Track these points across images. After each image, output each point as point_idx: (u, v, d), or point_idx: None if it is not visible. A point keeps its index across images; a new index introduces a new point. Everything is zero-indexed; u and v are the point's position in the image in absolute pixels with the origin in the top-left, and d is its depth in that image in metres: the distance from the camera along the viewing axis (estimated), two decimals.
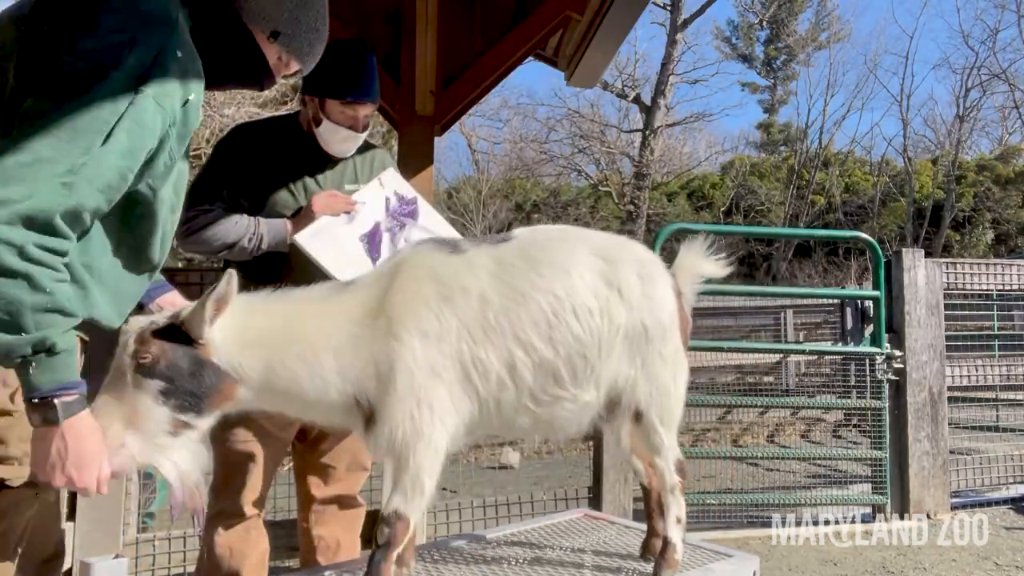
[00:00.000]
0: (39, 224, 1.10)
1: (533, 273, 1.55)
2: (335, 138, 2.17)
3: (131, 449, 1.29)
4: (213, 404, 1.37)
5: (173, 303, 1.59)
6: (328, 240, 2.08)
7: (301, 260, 2.09)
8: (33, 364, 1.15)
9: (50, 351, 1.15)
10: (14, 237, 1.08)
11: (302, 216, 2.11)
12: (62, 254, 1.15)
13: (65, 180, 1.11)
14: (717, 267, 1.87)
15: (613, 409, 1.68)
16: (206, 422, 1.38)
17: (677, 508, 1.73)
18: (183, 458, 1.37)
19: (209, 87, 1.42)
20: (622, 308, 1.60)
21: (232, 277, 1.36)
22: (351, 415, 1.46)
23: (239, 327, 1.39)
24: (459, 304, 1.48)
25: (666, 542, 1.71)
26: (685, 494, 1.77)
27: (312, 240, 2.06)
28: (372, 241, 2.17)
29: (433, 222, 2.29)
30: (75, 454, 1.21)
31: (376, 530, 1.44)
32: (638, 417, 1.67)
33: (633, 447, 1.85)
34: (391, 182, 2.25)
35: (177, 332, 1.33)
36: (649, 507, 1.88)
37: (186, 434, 1.35)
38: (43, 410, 1.19)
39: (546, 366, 1.53)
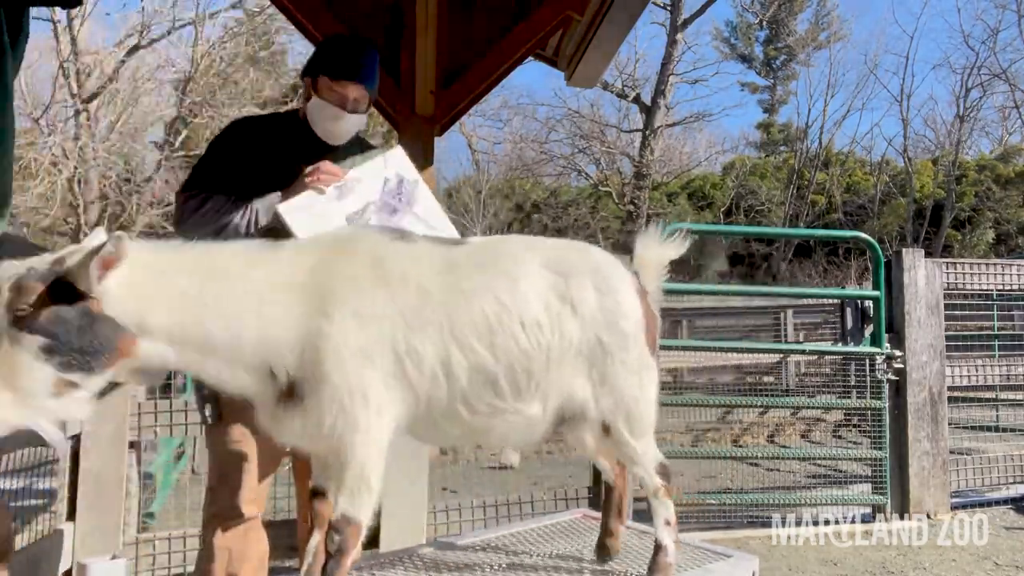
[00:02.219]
0: None
1: (480, 276, 1.50)
2: (322, 115, 2.16)
3: (2, 411, 1.14)
4: (108, 362, 1.22)
5: None
6: (312, 214, 1.97)
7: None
8: None
9: None
10: None
11: (293, 187, 2.05)
12: None
13: None
14: (676, 248, 1.80)
15: (568, 422, 1.62)
16: (98, 381, 1.23)
17: (665, 511, 1.70)
18: (66, 417, 1.25)
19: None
20: (575, 323, 1.55)
21: (122, 239, 1.22)
22: (263, 385, 1.36)
23: (146, 277, 1.27)
24: (397, 290, 1.41)
25: (658, 546, 1.70)
26: (678, 495, 1.75)
27: (294, 212, 1.97)
28: (357, 222, 2.08)
29: (432, 213, 2.19)
30: None
31: (326, 539, 1.36)
32: (606, 429, 1.63)
33: (597, 446, 1.81)
34: (395, 162, 2.17)
35: (61, 283, 1.17)
36: (607, 504, 1.86)
37: (72, 394, 1.19)
38: None
39: (483, 372, 1.46)
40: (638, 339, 1.64)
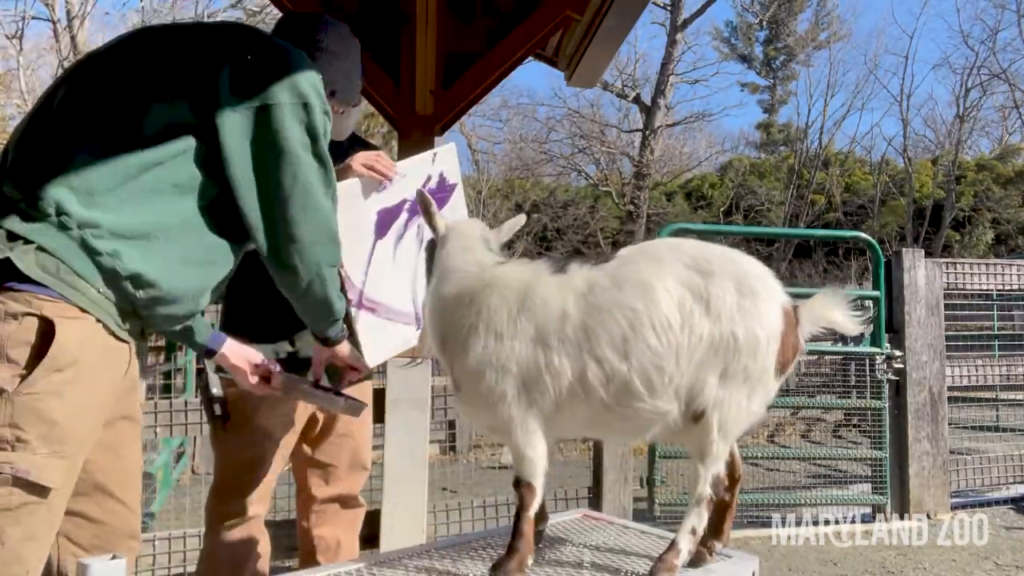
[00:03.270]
0: None
1: (615, 290, 1.63)
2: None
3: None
4: None
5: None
6: (350, 203, 1.96)
7: None
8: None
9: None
10: None
11: (339, 171, 1.94)
12: None
13: None
14: (849, 324, 1.79)
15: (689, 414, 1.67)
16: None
17: (697, 520, 1.69)
18: None
19: None
20: (707, 319, 1.61)
21: None
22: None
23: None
24: (538, 314, 1.62)
25: (672, 544, 1.68)
26: (702, 505, 1.71)
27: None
28: (388, 216, 2.09)
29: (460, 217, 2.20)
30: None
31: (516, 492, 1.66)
32: (697, 417, 1.64)
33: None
34: (445, 160, 2.16)
35: None
36: (713, 518, 1.77)
37: None
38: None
39: (618, 378, 1.60)
40: (770, 350, 1.66)
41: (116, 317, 1.48)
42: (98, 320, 1.45)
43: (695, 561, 1.76)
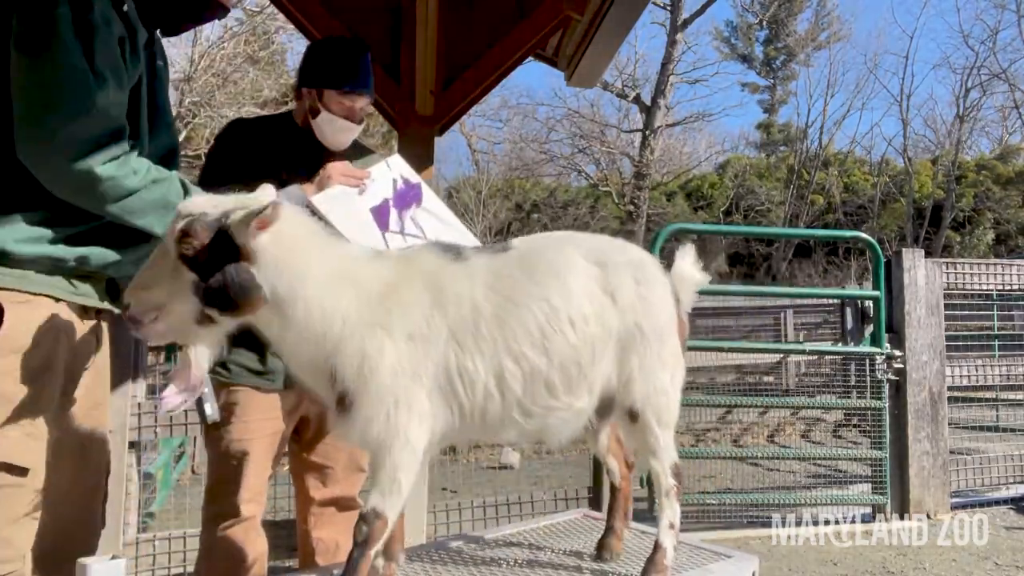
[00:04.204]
0: None
1: (528, 282, 1.55)
2: (332, 128, 2.20)
3: (161, 324, 1.38)
4: (238, 310, 1.39)
5: None
6: (343, 205, 2.08)
7: None
8: None
9: None
10: None
11: (317, 181, 2.10)
12: None
13: None
14: (699, 274, 1.86)
15: (604, 413, 1.68)
16: (228, 323, 1.42)
17: (671, 513, 1.71)
18: (201, 346, 1.47)
19: (178, 30, 1.73)
20: (615, 313, 1.60)
21: (278, 207, 1.36)
22: (325, 386, 1.47)
23: (290, 251, 1.41)
24: (451, 312, 1.49)
25: (658, 546, 1.70)
26: (682, 497, 1.75)
27: (330, 202, 2.06)
28: (380, 213, 2.17)
29: (441, 208, 2.29)
30: None
31: (355, 528, 1.45)
32: (633, 416, 1.66)
33: (609, 446, 1.85)
34: (398, 166, 2.24)
35: (223, 232, 1.35)
36: (613, 504, 1.87)
37: (210, 327, 1.40)
38: None
39: (538, 376, 1.53)
40: (672, 335, 1.69)
41: (68, 285, 1.53)
42: (56, 299, 1.50)
43: (605, 549, 1.83)
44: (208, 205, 1.38)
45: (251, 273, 1.36)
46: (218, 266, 1.34)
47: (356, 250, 1.55)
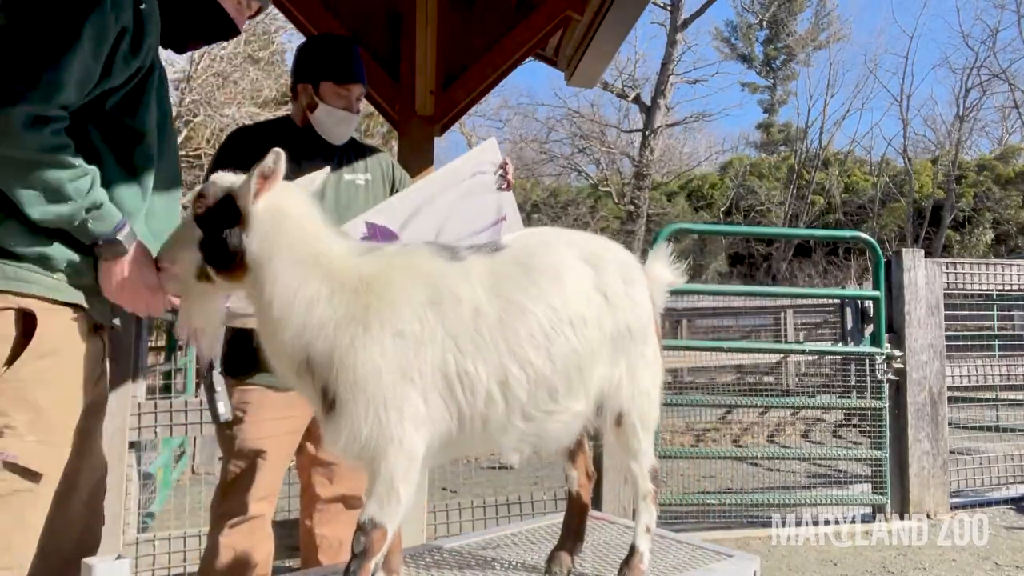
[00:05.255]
0: None
1: (528, 283, 1.51)
2: (331, 120, 2.24)
3: (173, 270, 1.49)
4: (227, 271, 1.44)
5: None
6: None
7: None
8: (90, 221, 1.45)
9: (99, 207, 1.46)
10: None
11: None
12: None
13: None
14: (671, 275, 1.83)
15: (599, 414, 1.65)
16: (222, 285, 1.47)
17: (648, 517, 1.70)
18: (203, 302, 1.52)
19: (184, 48, 1.73)
20: (608, 313, 1.59)
21: (280, 156, 1.38)
22: (300, 377, 1.42)
23: (275, 225, 1.43)
24: (448, 312, 1.43)
25: (634, 549, 1.69)
26: (658, 502, 1.74)
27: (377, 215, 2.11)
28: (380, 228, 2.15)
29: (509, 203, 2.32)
30: (138, 277, 1.52)
31: (353, 539, 1.38)
32: (619, 420, 1.64)
33: (568, 456, 1.83)
34: (490, 151, 2.29)
35: (228, 197, 1.44)
36: (569, 517, 1.83)
37: (206, 285, 1.47)
38: (111, 247, 1.49)
39: (543, 381, 1.49)
40: (653, 334, 1.68)
41: (91, 299, 1.54)
42: (77, 307, 1.51)
43: (556, 567, 1.75)
44: (233, 176, 1.48)
45: (240, 237, 1.41)
46: (219, 225, 1.42)
47: (342, 243, 1.50)
